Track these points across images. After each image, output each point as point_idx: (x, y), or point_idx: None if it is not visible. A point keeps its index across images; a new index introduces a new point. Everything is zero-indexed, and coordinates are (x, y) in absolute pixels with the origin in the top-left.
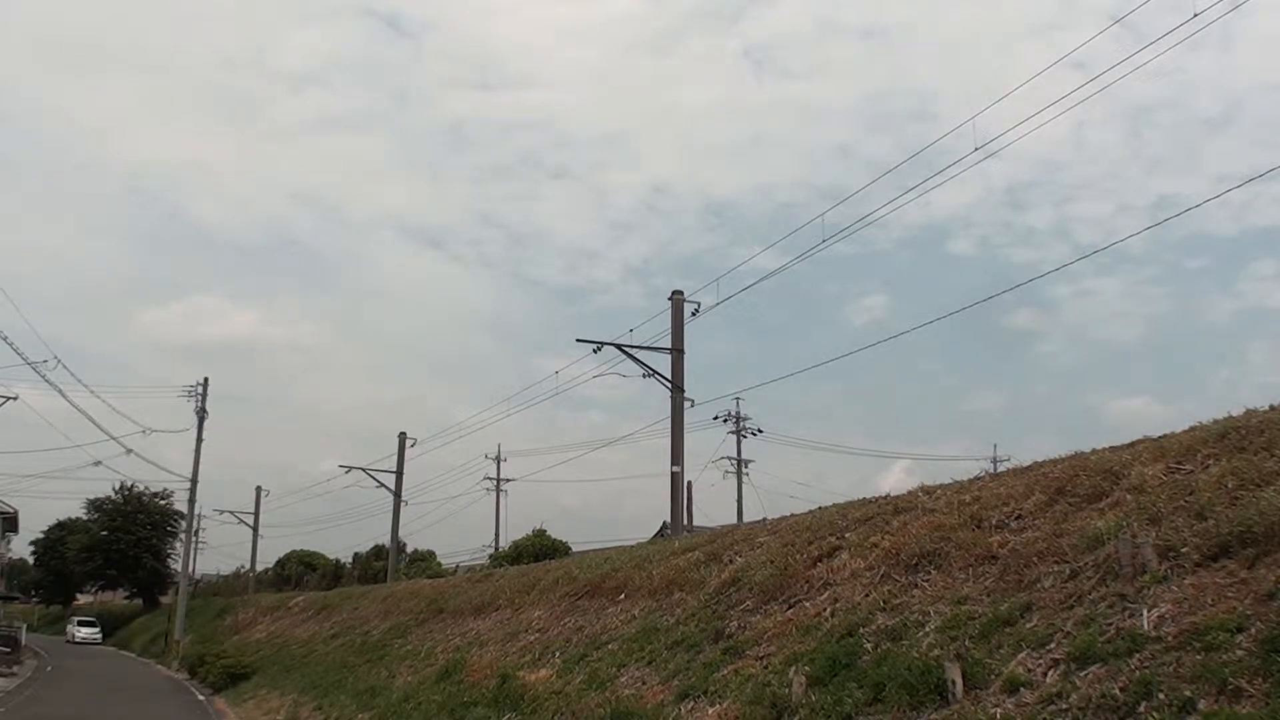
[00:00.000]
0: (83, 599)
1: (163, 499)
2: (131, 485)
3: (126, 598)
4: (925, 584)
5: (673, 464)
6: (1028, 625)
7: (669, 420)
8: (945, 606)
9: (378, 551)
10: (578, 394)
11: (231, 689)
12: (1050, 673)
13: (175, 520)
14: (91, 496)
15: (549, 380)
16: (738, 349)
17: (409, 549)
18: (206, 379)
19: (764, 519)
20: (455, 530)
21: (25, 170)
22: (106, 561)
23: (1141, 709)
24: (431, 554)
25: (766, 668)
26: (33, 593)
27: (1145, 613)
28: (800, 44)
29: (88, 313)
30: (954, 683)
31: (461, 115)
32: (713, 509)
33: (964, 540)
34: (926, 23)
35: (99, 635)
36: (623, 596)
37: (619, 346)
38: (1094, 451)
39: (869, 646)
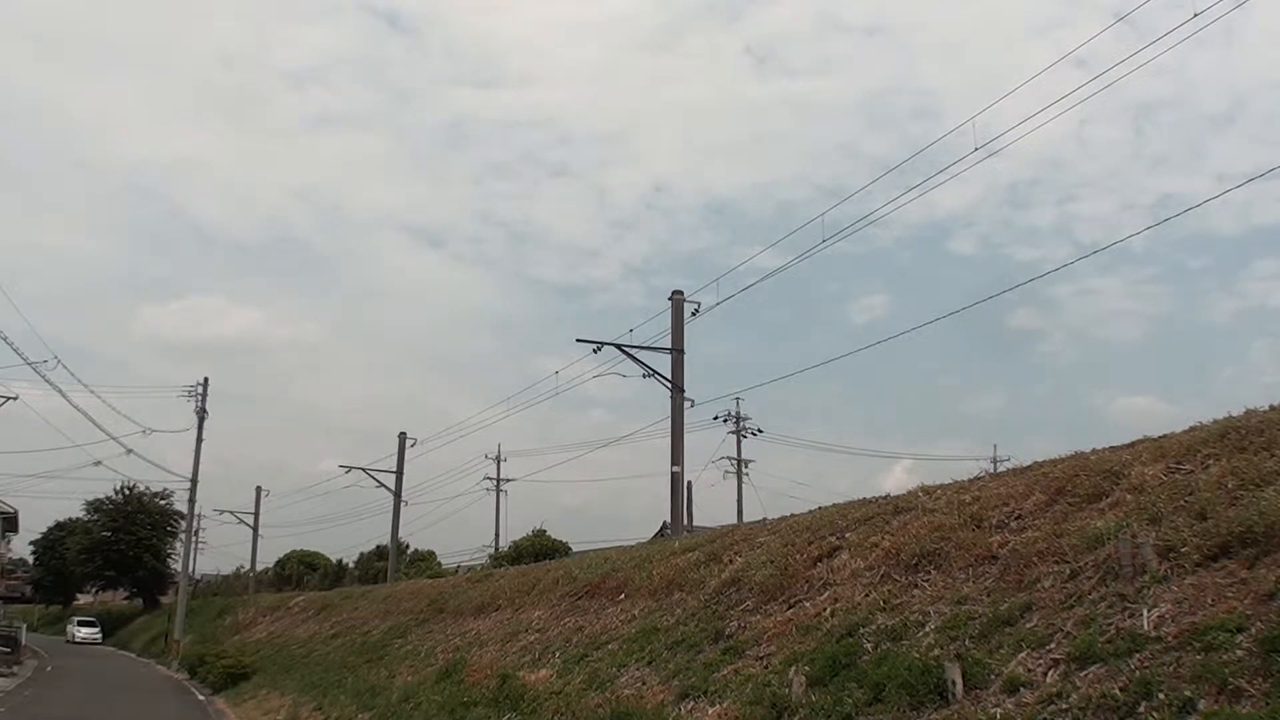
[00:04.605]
0: (83, 599)
1: (163, 499)
2: (132, 485)
3: (126, 598)
4: (925, 584)
5: (673, 464)
6: (1028, 625)
7: (669, 420)
8: (945, 606)
9: (379, 551)
10: (578, 394)
11: (231, 689)
12: (1050, 673)
13: (175, 520)
14: (91, 496)
15: (549, 380)
16: (738, 349)
17: (410, 549)
18: (206, 379)
19: (764, 519)
20: (455, 530)
21: (25, 169)
22: (106, 562)
23: (1141, 709)
24: (432, 554)
25: (766, 668)
26: (32, 593)
27: (1145, 613)
28: (802, 41)
29: (88, 313)
30: (954, 683)
31: (462, 113)
32: (713, 509)
33: (964, 540)
34: (929, 20)
35: (99, 635)
36: (623, 596)
37: (619, 346)
38: (1094, 451)
39: (869, 646)
